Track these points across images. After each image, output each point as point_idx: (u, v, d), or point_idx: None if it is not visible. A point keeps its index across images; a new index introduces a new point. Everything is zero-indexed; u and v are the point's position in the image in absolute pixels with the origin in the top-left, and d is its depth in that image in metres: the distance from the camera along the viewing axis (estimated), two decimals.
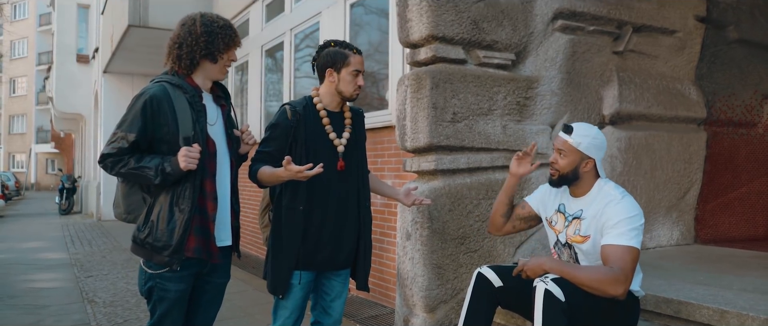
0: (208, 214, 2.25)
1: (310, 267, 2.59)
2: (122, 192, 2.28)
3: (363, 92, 5.60)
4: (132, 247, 2.27)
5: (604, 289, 2.24)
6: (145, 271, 2.25)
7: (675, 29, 4.39)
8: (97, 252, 8.67)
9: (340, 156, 2.61)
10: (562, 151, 2.51)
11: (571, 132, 2.49)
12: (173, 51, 2.24)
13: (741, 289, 2.92)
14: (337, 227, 2.61)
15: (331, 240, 2.60)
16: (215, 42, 2.24)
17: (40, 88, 37.58)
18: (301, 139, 2.55)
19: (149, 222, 2.19)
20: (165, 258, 2.17)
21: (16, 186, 28.13)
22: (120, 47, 10.85)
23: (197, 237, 2.22)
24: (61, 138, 33.84)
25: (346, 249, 2.66)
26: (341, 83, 2.59)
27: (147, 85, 2.23)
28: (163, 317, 2.27)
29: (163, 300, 2.25)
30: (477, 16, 3.48)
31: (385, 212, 4.80)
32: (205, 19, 2.25)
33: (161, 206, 2.18)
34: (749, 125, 4.98)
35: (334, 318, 2.73)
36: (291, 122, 2.55)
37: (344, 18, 5.48)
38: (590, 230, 2.47)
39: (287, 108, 2.58)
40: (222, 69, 2.32)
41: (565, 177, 2.53)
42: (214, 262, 2.31)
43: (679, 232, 4.47)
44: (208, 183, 2.24)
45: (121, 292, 5.61)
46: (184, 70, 2.25)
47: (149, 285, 2.25)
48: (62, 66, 18.74)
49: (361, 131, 2.77)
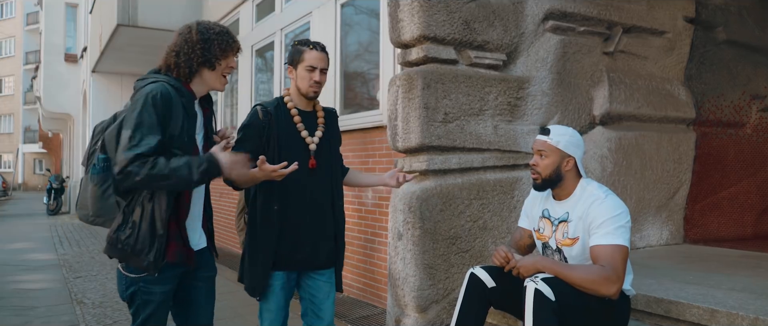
0: (181, 220, 2.22)
1: (289, 267, 2.60)
2: (93, 195, 2.20)
3: (353, 92, 5.63)
4: (107, 249, 2.19)
5: (597, 289, 2.25)
6: (126, 276, 2.19)
7: (664, 30, 4.42)
8: (85, 252, 8.61)
9: (312, 154, 2.61)
10: (542, 152, 2.55)
11: (549, 133, 2.55)
12: (171, 59, 2.22)
13: (730, 288, 2.94)
14: (314, 226, 2.62)
15: (309, 239, 2.60)
16: (211, 48, 2.22)
17: (28, 87, 37.24)
18: (274, 138, 2.55)
19: (130, 222, 2.14)
20: (143, 263, 2.12)
21: (3, 186, 27.88)
22: (109, 47, 10.77)
23: (177, 243, 2.19)
24: (49, 138, 33.54)
25: (326, 248, 2.66)
26: (298, 80, 2.60)
27: (147, 86, 2.16)
28: (146, 321, 2.22)
29: (147, 303, 2.20)
30: (468, 17, 3.49)
31: (376, 212, 4.80)
32: (201, 27, 2.24)
33: (142, 208, 2.13)
34: (738, 125, 5.02)
35: (327, 320, 2.71)
36: (262, 122, 2.55)
37: (334, 18, 5.47)
38: (578, 231, 2.48)
39: (259, 108, 2.59)
40: (220, 77, 2.30)
41: (548, 179, 2.55)
42: (190, 265, 2.28)
43: (669, 232, 4.50)
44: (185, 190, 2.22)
45: (110, 293, 5.57)
46: (184, 79, 2.24)
47: (132, 289, 2.19)
48: (50, 65, 18.60)
49: (334, 130, 2.77)
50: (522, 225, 2.84)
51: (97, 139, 2.22)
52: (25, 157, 42.08)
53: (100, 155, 2.18)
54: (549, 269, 2.33)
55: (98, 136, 2.22)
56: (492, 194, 3.56)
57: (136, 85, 2.23)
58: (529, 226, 2.79)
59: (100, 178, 2.17)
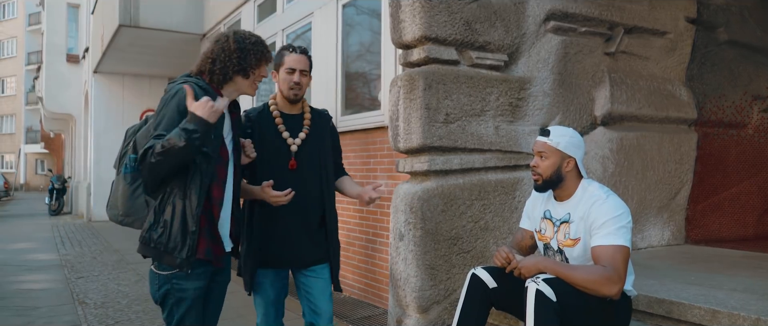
0: (214, 219, 2.27)
1: (278, 265, 2.70)
2: (124, 194, 2.27)
3: (354, 93, 5.63)
4: (140, 248, 2.24)
5: (598, 289, 2.25)
6: (159, 274, 2.21)
7: (666, 30, 4.42)
8: (87, 253, 8.62)
9: (293, 155, 2.70)
10: (542, 153, 2.55)
11: (549, 134, 2.55)
12: (207, 66, 2.30)
13: (732, 289, 2.94)
14: (299, 225, 2.70)
15: (296, 237, 2.69)
16: (247, 58, 2.31)
17: (30, 87, 37.28)
18: (256, 142, 2.66)
19: (162, 221, 2.18)
20: (176, 260, 2.16)
21: (5, 186, 27.91)
22: (110, 47, 10.78)
23: (207, 240, 2.23)
24: (51, 138, 33.56)
25: (315, 246, 2.74)
26: (280, 82, 2.73)
27: (175, 85, 2.24)
28: (182, 320, 2.23)
29: (180, 301, 2.22)
30: (470, 17, 3.49)
31: (378, 213, 4.80)
32: (238, 37, 2.32)
33: (173, 207, 2.17)
34: (739, 126, 5.02)
35: (325, 316, 2.77)
36: (245, 127, 2.68)
37: (336, 18, 5.48)
38: (579, 232, 2.48)
39: (242, 115, 2.69)
40: (253, 84, 2.38)
41: (549, 180, 2.55)
42: (218, 266, 2.33)
43: (670, 233, 4.50)
44: (216, 189, 2.26)
45: (112, 293, 5.58)
46: (216, 84, 2.31)
47: (165, 288, 2.21)
48: (52, 66, 18.60)
49: (323, 132, 2.83)
50: (523, 226, 2.84)
51: (129, 141, 2.31)
52: (27, 157, 42.14)
53: (131, 155, 2.27)
54: (550, 269, 2.33)
55: (130, 137, 2.32)
56: (493, 195, 3.57)
57: (168, 87, 2.30)
58: (530, 227, 2.79)
59: (132, 177, 2.26)
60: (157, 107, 2.23)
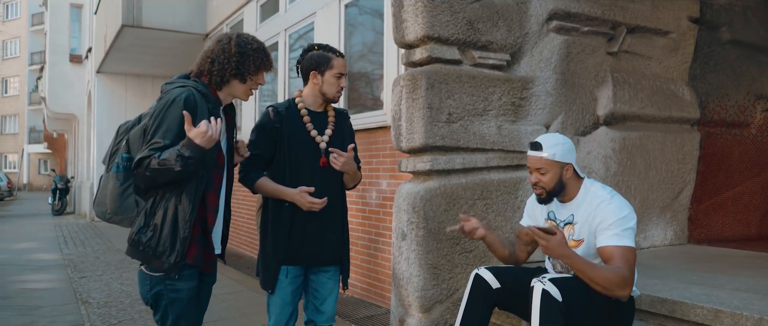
0: (208, 225, 2.25)
1: (296, 262, 2.68)
2: (113, 192, 2.21)
3: (357, 93, 5.63)
4: (128, 250, 2.21)
5: (614, 290, 2.26)
6: (149, 275, 2.19)
7: (668, 30, 4.41)
8: (90, 252, 8.63)
9: (323, 153, 2.70)
10: (541, 169, 2.52)
11: (541, 147, 2.51)
12: (206, 65, 2.28)
13: (734, 289, 2.93)
14: (321, 223, 2.69)
15: (315, 235, 2.69)
16: (246, 63, 2.28)
17: (33, 88, 37.38)
18: (285, 138, 2.66)
19: (152, 225, 2.15)
20: (164, 264, 2.14)
21: (8, 186, 27.99)
22: (113, 47, 10.80)
23: (198, 246, 2.22)
24: (54, 138, 33.59)
25: (332, 245, 2.75)
26: (325, 85, 2.70)
27: (174, 90, 2.19)
28: (177, 321, 2.21)
29: (174, 301, 2.19)
30: (472, 17, 3.49)
31: (380, 212, 4.80)
32: (240, 40, 2.30)
33: (165, 211, 2.15)
34: (742, 126, 5.01)
35: (327, 315, 2.78)
36: (274, 122, 2.66)
37: (338, 18, 5.48)
38: (583, 233, 2.48)
39: (270, 109, 2.69)
40: (248, 90, 2.36)
41: (552, 191, 2.55)
42: (207, 272, 2.32)
43: (673, 232, 4.49)
44: (211, 196, 2.24)
45: (115, 293, 5.59)
46: (213, 85, 2.29)
47: (157, 289, 2.19)
48: (55, 66, 18.65)
49: (346, 130, 2.85)
50: (524, 224, 2.84)
51: (121, 138, 2.25)
52: (30, 157, 42.21)
53: (123, 154, 2.21)
54: (569, 258, 2.30)
55: (123, 135, 2.26)
56: (496, 194, 3.57)
57: (164, 87, 2.27)
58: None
59: (123, 176, 2.21)
60: (153, 109, 2.18)
